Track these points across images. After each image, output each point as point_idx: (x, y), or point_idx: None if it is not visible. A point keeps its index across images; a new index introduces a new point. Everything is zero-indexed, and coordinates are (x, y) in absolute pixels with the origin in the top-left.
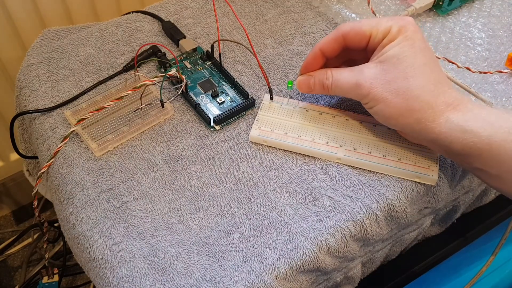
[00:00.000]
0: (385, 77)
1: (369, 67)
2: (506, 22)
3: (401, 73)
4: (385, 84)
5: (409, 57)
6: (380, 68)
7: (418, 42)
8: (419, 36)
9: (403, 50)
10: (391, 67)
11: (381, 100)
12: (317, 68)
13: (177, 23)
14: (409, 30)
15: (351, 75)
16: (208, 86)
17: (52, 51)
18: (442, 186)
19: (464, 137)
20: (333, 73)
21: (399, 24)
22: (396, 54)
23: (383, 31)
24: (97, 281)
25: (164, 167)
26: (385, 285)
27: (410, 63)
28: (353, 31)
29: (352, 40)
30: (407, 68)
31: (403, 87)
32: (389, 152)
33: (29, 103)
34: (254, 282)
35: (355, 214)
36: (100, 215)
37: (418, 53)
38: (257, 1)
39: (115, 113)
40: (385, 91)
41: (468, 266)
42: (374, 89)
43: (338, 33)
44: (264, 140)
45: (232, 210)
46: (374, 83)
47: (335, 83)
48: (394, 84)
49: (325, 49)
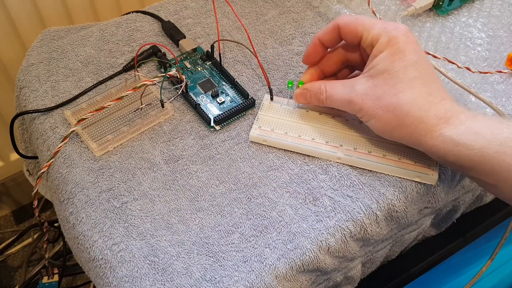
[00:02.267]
0: (376, 92)
1: (360, 83)
2: (506, 22)
3: (391, 89)
4: (375, 100)
5: (399, 72)
6: (370, 84)
7: (410, 54)
8: (410, 48)
9: (393, 65)
10: (382, 82)
11: (372, 116)
12: (317, 58)
13: (177, 23)
14: (399, 41)
15: (344, 91)
16: (208, 86)
17: (52, 51)
18: (442, 186)
19: (457, 150)
20: (327, 87)
21: (390, 34)
22: (386, 69)
23: (373, 38)
24: (97, 281)
25: (164, 167)
26: (385, 285)
27: (400, 78)
28: (347, 26)
29: (346, 35)
30: (397, 84)
31: (393, 103)
32: (389, 151)
33: (29, 103)
34: (254, 282)
35: (355, 214)
36: (100, 215)
37: (408, 67)
38: (257, 1)
39: (115, 113)
40: (376, 107)
41: (468, 266)
42: (365, 105)
43: (334, 24)
44: (264, 139)
45: (232, 210)
46: (365, 99)
47: (329, 98)
48: (384, 100)
49: (323, 38)
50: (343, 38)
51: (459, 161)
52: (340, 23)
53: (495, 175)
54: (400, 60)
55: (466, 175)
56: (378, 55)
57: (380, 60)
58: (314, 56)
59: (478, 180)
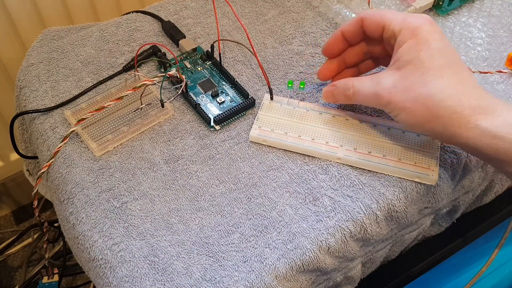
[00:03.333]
0: (403, 84)
1: (387, 76)
2: (506, 22)
3: (419, 79)
4: (404, 93)
5: (426, 61)
6: (398, 76)
7: (435, 42)
8: (436, 37)
9: (418, 54)
10: (409, 73)
11: (402, 109)
12: (337, 51)
13: (177, 23)
14: (423, 31)
15: (371, 85)
16: (208, 86)
17: (52, 51)
18: (442, 186)
19: (495, 143)
20: (354, 83)
21: (413, 24)
22: (412, 59)
23: (395, 28)
24: (97, 281)
25: (164, 167)
26: (385, 285)
27: (427, 68)
28: (370, 18)
29: (368, 27)
30: (425, 73)
31: (423, 93)
32: (389, 152)
33: (29, 103)
34: (254, 282)
35: (355, 214)
36: (100, 215)
37: (435, 55)
38: (257, 1)
39: (115, 113)
40: (405, 100)
41: (468, 266)
42: (393, 98)
43: (358, 17)
44: (264, 139)
45: (232, 210)
46: (393, 92)
47: (356, 93)
48: (413, 91)
49: (345, 31)
50: (366, 31)
51: (496, 155)
52: (363, 16)
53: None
54: (426, 49)
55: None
56: (402, 45)
57: (405, 50)
58: (334, 48)
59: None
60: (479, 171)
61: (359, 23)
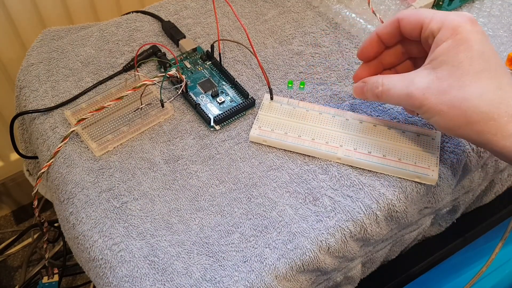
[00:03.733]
0: (439, 86)
1: (421, 75)
2: (506, 22)
3: (456, 82)
4: (439, 95)
5: (465, 63)
6: (433, 76)
7: (476, 44)
8: (477, 38)
9: (457, 56)
10: (445, 75)
11: (436, 112)
12: (372, 54)
13: (177, 23)
14: (464, 30)
15: (402, 84)
16: (208, 86)
17: (52, 51)
18: (442, 186)
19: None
20: (384, 81)
21: (453, 22)
22: (450, 60)
23: (434, 27)
24: (97, 281)
25: (164, 167)
26: (385, 285)
27: (466, 71)
28: (406, 18)
29: (405, 27)
30: (463, 76)
31: (459, 97)
32: (389, 152)
33: (29, 103)
34: (254, 282)
35: (355, 214)
36: (100, 215)
37: (475, 58)
38: (257, 1)
39: (115, 113)
40: (440, 103)
41: (468, 266)
42: (427, 100)
43: (394, 18)
44: (264, 140)
45: (232, 210)
46: (427, 93)
47: (385, 92)
48: (449, 94)
49: (382, 33)
50: (403, 31)
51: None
52: (400, 16)
53: None
54: (466, 51)
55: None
56: (441, 44)
57: (443, 50)
58: (370, 51)
59: None
60: (479, 171)
61: (396, 24)
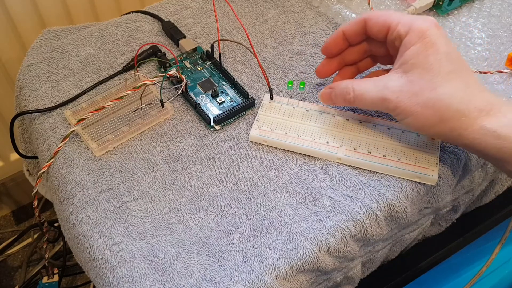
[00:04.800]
0: (412, 89)
1: (394, 79)
2: (506, 22)
3: (428, 84)
4: (412, 97)
5: (434, 65)
6: (405, 80)
7: (443, 47)
8: (443, 41)
9: (427, 58)
10: (417, 77)
11: (410, 113)
12: (336, 51)
13: (177, 23)
14: (431, 34)
15: (376, 89)
16: (208, 86)
17: (52, 51)
18: (442, 186)
19: (499, 143)
20: (355, 86)
21: (421, 27)
22: (420, 63)
23: (400, 30)
24: (97, 281)
25: (164, 167)
26: (385, 285)
27: (436, 72)
28: (374, 18)
29: (372, 28)
30: (434, 78)
31: (432, 98)
32: (389, 152)
33: (29, 103)
34: (254, 282)
35: (355, 214)
36: (100, 215)
37: (443, 59)
38: (257, 1)
39: (115, 113)
40: (414, 104)
41: (468, 266)
42: (401, 103)
43: (361, 17)
44: (264, 140)
45: (232, 210)
46: (400, 96)
47: (358, 97)
48: (422, 96)
49: (347, 31)
50: (369, 31)
51: (499, 154)
52: (367, 17)
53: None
54: (435, 53)
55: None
56: (409, 48)
57: (413, 54)
58: (334, 48)
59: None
60: (479, 171)
61: (362, 24)
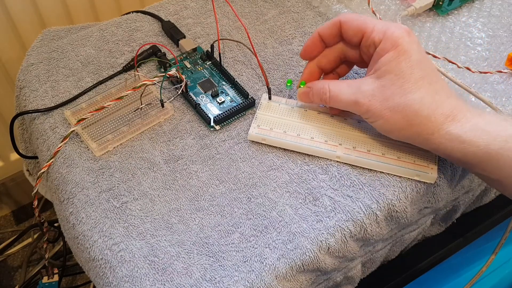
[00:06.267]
0: (383, 94)
1: (367, 83)
2: (506, 22)
3: (398, 89)
4: (383, 101)
5: (406, 72)
6: (377, 84)
7: (415, 54)
8: (415, 48)
9: (399, 65)
10: (389, 83)
11: (380, 116)
12: (315, 53)
13: (177, 23)
14: (404, 42)
15: (350, 92)
16: (208, 86)
17: (52, 51)
18: (442, 186)
19: (463, 147)
20: (331, 87)
21: (394, 35)
22: (392, 69)
23: (375, 37)
24: (97, 281)
25: (164, 167)
26: (385, 285)
27: (407, 79)
28: (349, 23)
29: (347, 32)
30: (404, 84)
31: (402, 103)
32: (388, 150)
33: (29, 103)
34: (254, 282)
35: (355, 214)
36: (100, 215)
37: (415, 66)
38: (257, 1)
39: (115, 113)
40: (384, 108)
41: (468, 266)
42: (372, 106)
43: (336, 20)
44: (263, 138)
45: (232, 210)
46: (372, 100)
47: (333, 97)
48: (392, 101)
49: (323, 33)
50: (344, 35)
51: (465, 157)
52: (342, 19)
53: (500, 171)
54: (406, 61)
55: (471, 171)
56: (383, 55)
57: (386, 61)
58: (312, 51)
59: (483, 176)
60: None
61: (337, 25)
